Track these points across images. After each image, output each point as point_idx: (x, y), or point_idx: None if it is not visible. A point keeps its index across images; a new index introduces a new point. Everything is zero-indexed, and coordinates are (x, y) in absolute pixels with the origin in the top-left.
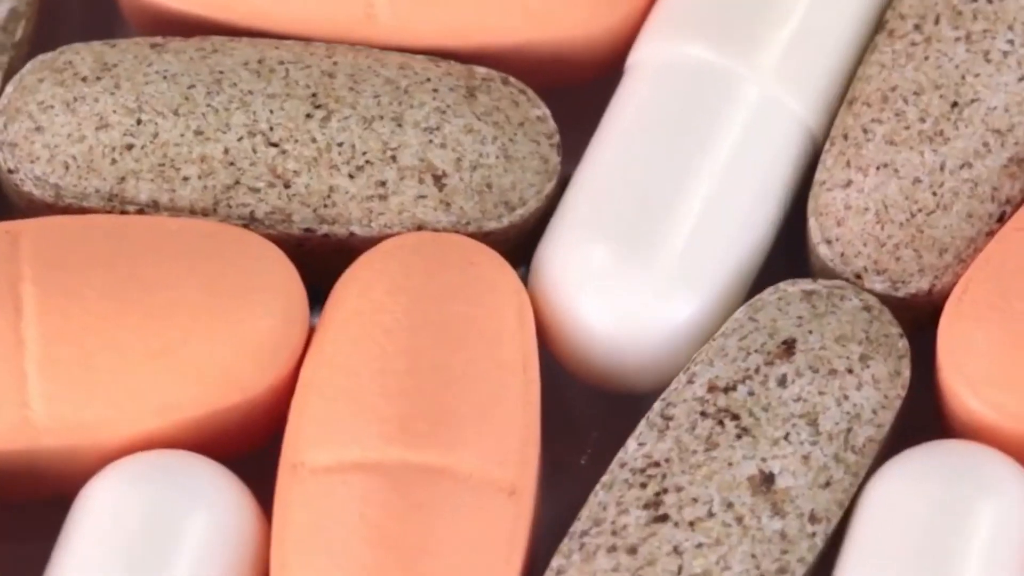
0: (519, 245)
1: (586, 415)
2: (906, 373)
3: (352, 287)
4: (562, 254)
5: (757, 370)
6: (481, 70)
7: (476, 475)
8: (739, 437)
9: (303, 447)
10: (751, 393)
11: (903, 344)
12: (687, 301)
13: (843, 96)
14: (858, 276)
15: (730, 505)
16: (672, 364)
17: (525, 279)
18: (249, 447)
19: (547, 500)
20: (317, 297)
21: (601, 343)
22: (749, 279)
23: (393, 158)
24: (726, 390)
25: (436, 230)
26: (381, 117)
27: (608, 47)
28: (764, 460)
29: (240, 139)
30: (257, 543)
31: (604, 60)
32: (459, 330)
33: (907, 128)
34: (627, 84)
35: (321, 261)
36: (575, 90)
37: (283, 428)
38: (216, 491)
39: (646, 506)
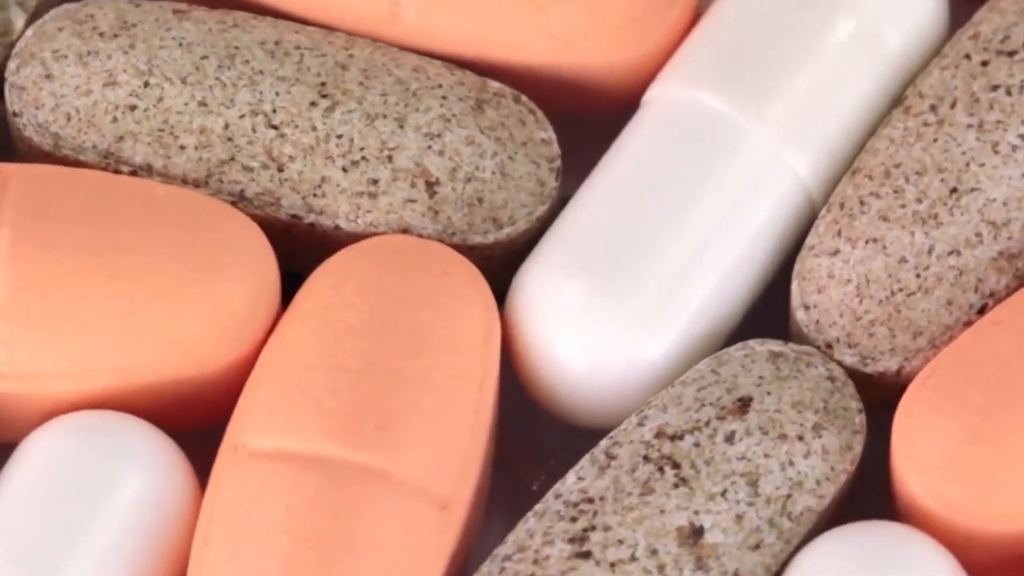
0: (506, 264)
1: (548, 443)
2: (858, 449)
3: (325, 280)
4: (539, 281)
5: (708, 423)
6: (495, 84)
7: (411, 483)
8: (676, 486)
9: (246, 429)
10: (697, 444)
11: (860, 420)
12: (657, 343)
13: (849, 165)
14: (829, 346)
15: (654, 552)
16: (636, 403)
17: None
18: (203, 421)
19: (496, 523)
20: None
21: (567, 375)
22: (726, 331)
23: (389, 158)
24: (673, 438)
25: (421, 236)
26: (385, 116)
27: (628, 81)
28: (696, 513)
29: (242, 116)
30: (187, 515)
31: (623, 93)
32: (421, 338)
33: (903, 207)
34: (637, 120)
35: (306, 250)
36: (600, 118)
37: None
38: (152, 457)
39: (572, 540)
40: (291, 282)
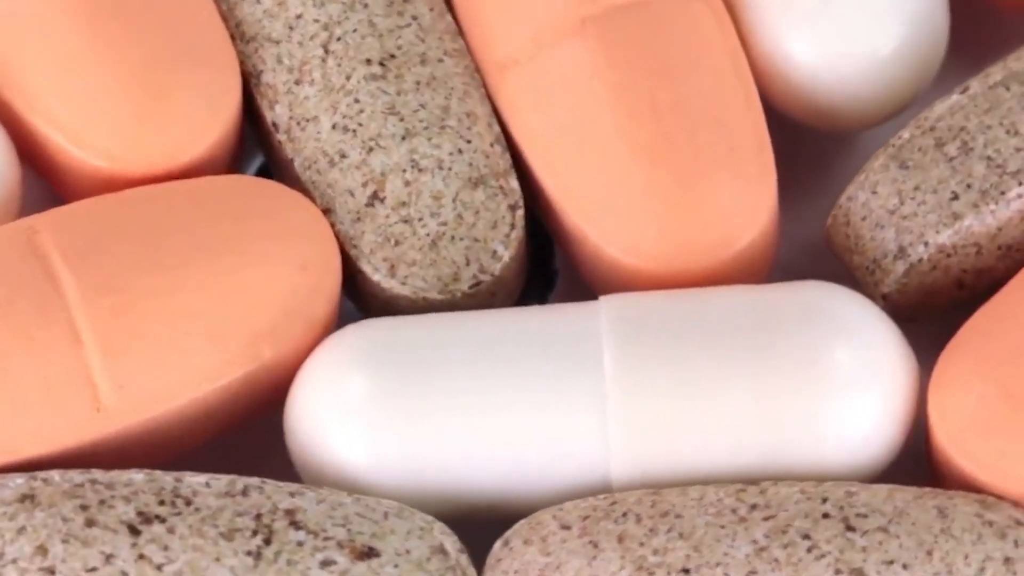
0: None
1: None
2: None
3: (214, 183)
4: (338, 343)
5: (328, 539)
6: (515, 188)
7: (94, 372)
8: (248, 554)
9: (49, 220)
10: (300, 543)
11: None
12: (397, 461)
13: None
14: None
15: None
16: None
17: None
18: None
19: None
20: None
21: (310, 435)
22: (468, 504)
23: (370, 149)
24: (294, 524)
25: (332, 227)
26: (401, 119)
27: (626, 282)
28: None
29: (316, 21)
30: None
31: (613, 285)
32: (229, 283)
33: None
34: (572, 306)
35: (275, 163)
36: None
37: None
38: None
39: (140, 513)
40: None
